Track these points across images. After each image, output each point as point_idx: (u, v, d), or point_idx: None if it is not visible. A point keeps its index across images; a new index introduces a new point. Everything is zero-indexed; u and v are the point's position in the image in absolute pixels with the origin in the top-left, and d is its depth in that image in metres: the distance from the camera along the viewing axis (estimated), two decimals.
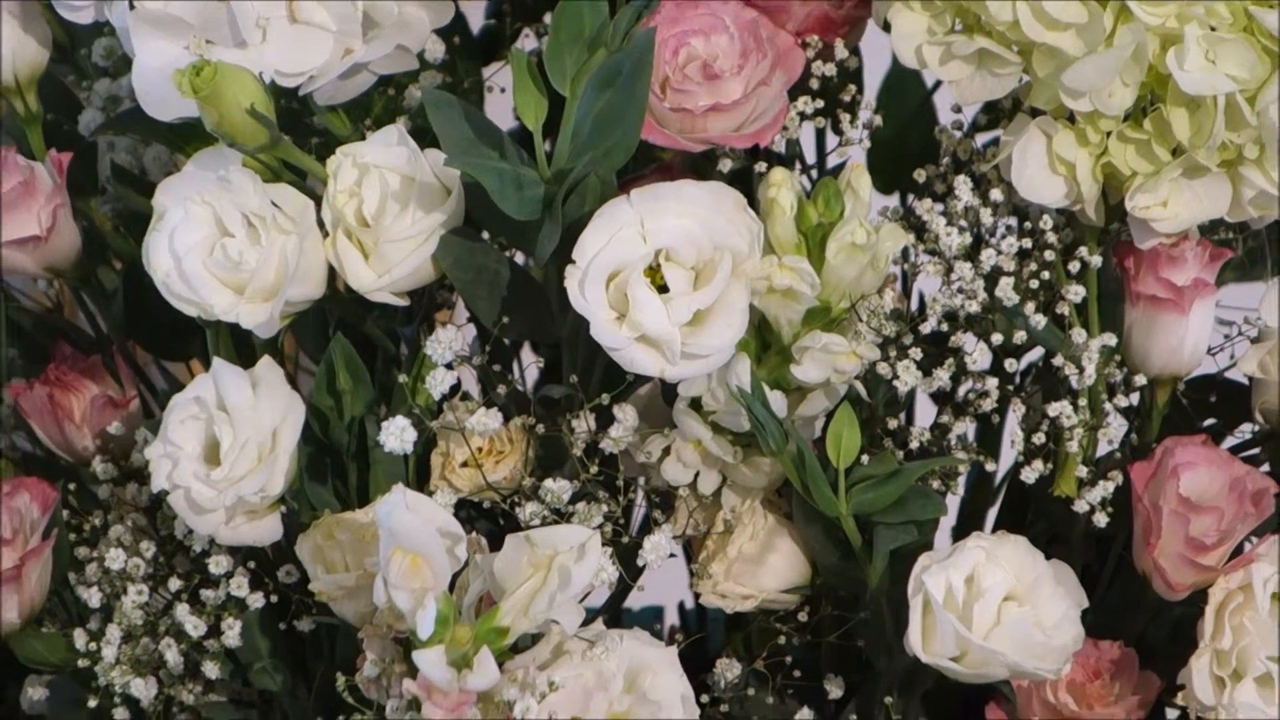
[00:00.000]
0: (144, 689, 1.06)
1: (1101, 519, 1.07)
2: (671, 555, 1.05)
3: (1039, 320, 1.05)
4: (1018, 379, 1.11)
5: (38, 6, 1.09)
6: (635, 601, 1.14)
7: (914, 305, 1.10)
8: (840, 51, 1.09)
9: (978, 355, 1.04)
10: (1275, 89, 0.99)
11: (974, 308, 1.04)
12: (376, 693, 0.96)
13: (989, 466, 1.15)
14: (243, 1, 1.01)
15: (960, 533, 1.17)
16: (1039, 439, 1.08)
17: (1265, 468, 1.08)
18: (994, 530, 1.09)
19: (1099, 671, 1.05)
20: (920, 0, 1.03)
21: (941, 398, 1.08)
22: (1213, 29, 0.99)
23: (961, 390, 1.06)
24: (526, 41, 1.13)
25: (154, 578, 1.08)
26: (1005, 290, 1.04)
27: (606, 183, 1.00)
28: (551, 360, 1.11)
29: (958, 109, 1.10)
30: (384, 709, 0.95)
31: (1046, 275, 1.05)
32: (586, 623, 0.98)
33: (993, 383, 1.06)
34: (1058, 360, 1.06)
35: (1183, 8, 0.99)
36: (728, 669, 1.08)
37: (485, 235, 1.04)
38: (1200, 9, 0.99)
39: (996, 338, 1.05)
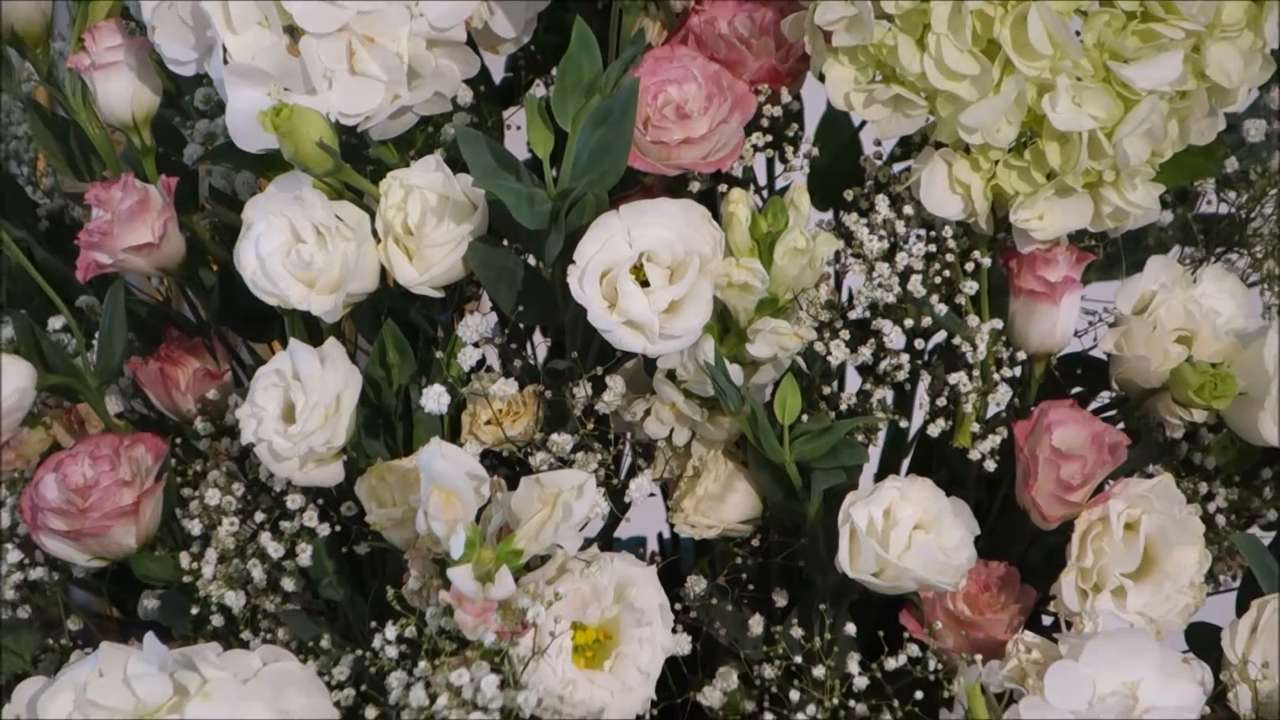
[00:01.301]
0: (235, 600, 1.07)
1: (990, 465, 1.07)
2: (651, 494, 1.05)
3: (941, 309, 1.06)
4: (925, 355, 1.11)
5: (151, 62, 1.09)
6: (623, 531, 1.15)
7: (844, 297, 1.10)
8: (785, 97, 1.09)
9: (894, 336, 1.05)
10: (1128, 126, 0.99)
11: (891, 299, 1.05)
12: (419, 602, 0.96)
13: (902, 424, 1.15)
14: (312, 57, 1.01)
15: (880, 476, 1.17)
16: (942, 402, 1.08)
17: (1120, 425, 1.08)
18: (907, 474, 1.10)
19: (988, 585, 1.06)
20: (848, 56, 1.03)
21: (865, 370, 1.08)
22: (1078, 79, 0.99)
23: (881, 364, 1.06)
24: (537, 89, 1.14)
25: (243, 512, 1.08)
26: (915, 285, 1.05)
27: (600, 200, 0.99)
28: (557, 340, 1.11)
29: (878, 143, 1.10)
30: (424, 615, 0.95)
31: (948, 273, 1.06)
32: (584, 548, 0.99)
33: (905, 358, 1.06)
34: (956, 340, 1.07)
35: (1055, 62, 0.99)
36: (696, 584, 1.08)
37: (505, 242, 1.04)
38: (1068, 63, 0.99)
39: (908, 322, 1.05)
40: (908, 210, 1.06)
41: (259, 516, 1.08)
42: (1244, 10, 1.00)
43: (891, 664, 1.02)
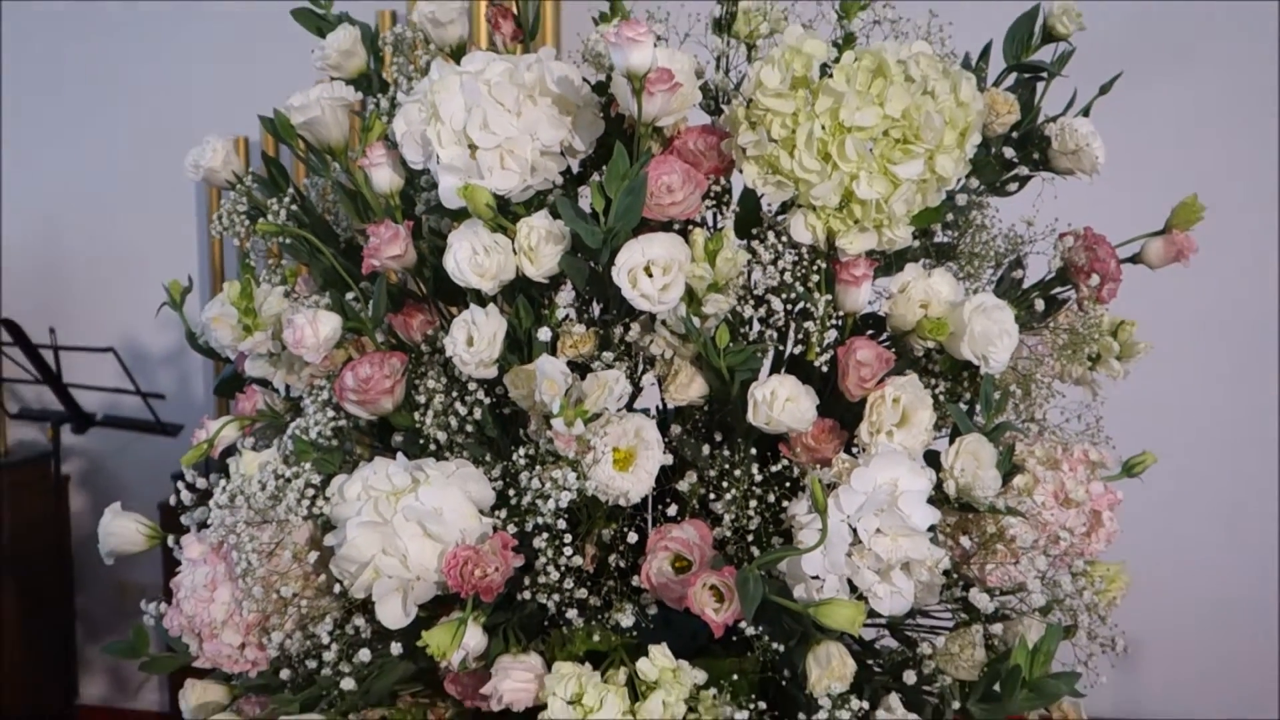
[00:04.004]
0: (443, 437, 1.09)
1: (825, 368, 1.09)
2: (653, 384, 1.09)
3: (801, 290, 1.08)
4: (793, 313, 1.12)
5: (399, 161, 1.11)
6: (639, 403, 1.15)
7: (751, 283, 1.11)
8: (723, 181, 1.11)
9: (776, 304, 1.07)
10: (896, 197, 1.02)
11: (775, 284, 1.07)
12: (536, 436, 1.00)
13: (781, 348, 1.16)
14: (482, 161, 1.03)
15: (770, 374, 1.17)
16: (802, 335, 1.10)
17: (891, 349, 1.10)
18: (783, 373, 1.10)
19: (823, 430, 1.07)
20: (754, 161, 1.05)
21: (762, 320, 1.09)
22: (871, 173, 1.02)
23: (771, 318, 1.08)
24: (595, 176, 1.14)
25: (445, 391, 1.10)
26: (788, 277, 1.07)
27: (627, 233, 1.02)
28: (605, 305, 1.13)
29: (770, 204, 1.11)
30: (539, 443, 0.99)
31: (804, 271, 1.08)
32: (619, 410, 1.02)
33: (783, 314, 1.08)
34: (809, 305, 1.08)
35: (859, 165, 1.02)
36: (675, 429, 1.10)
37: (579, 254, 1.05)
38: (866, 165, 1.02)
39: (784, 296, 1.07)
40: (785, 239, 1.07)
41: (454, 393, 1.09)
42: (955, 138, 1.04)
43: (774, 469, 1.05)
